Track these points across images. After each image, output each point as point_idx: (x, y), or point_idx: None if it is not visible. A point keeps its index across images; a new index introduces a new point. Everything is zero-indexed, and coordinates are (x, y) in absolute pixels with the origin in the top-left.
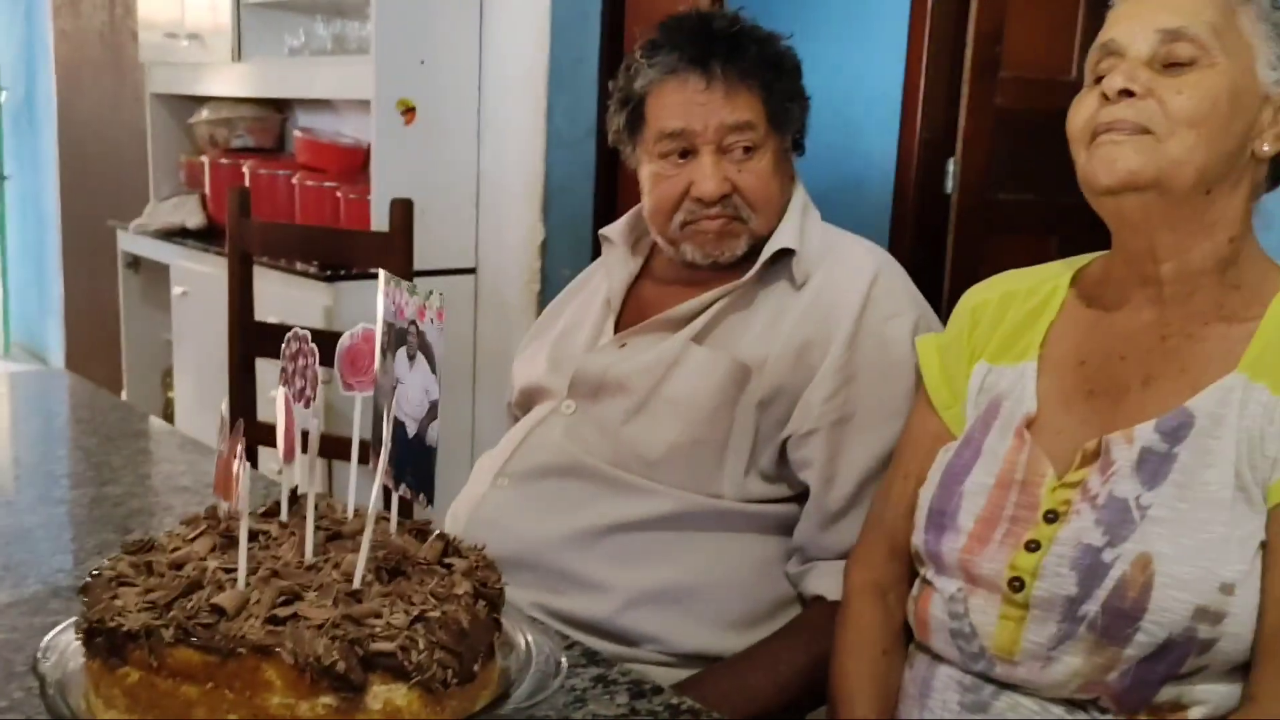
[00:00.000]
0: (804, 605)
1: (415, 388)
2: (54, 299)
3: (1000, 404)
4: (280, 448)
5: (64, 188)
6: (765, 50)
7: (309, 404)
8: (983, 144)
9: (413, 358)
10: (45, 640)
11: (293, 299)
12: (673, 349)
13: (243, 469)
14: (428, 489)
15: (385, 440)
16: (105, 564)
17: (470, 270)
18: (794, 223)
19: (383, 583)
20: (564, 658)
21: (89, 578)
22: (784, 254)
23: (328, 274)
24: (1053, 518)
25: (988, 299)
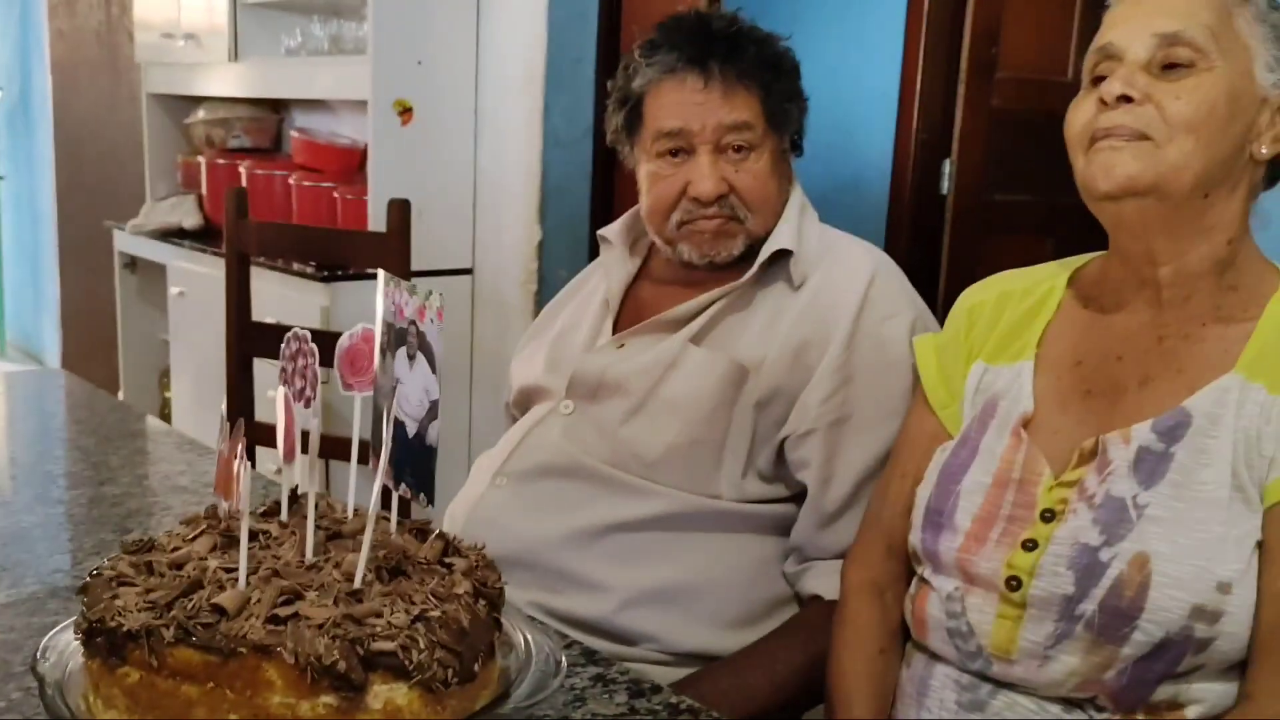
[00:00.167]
0: (801, 605)
1: (415, 388)
2: (50, 299)
3: (997, 403)
4: (280, 448)
5: (60, 188)
6: (764, 51)
7: (309, 404)
8: (979, 144)
9: (412, 358)
10: (44, 640)
11: (290, 299)
12: (671, 350)
13: (243, 469)
14: (428, 489)
15: (385, 440)
16: (105, 564)
17: (467, 271)
18: (792, 223)
19: (383, 582)
20: (563, 657)
21: (88, 577)
22: (782, 255)
23: (325, 274)
24: (1050, 517)
25: (984, 299)
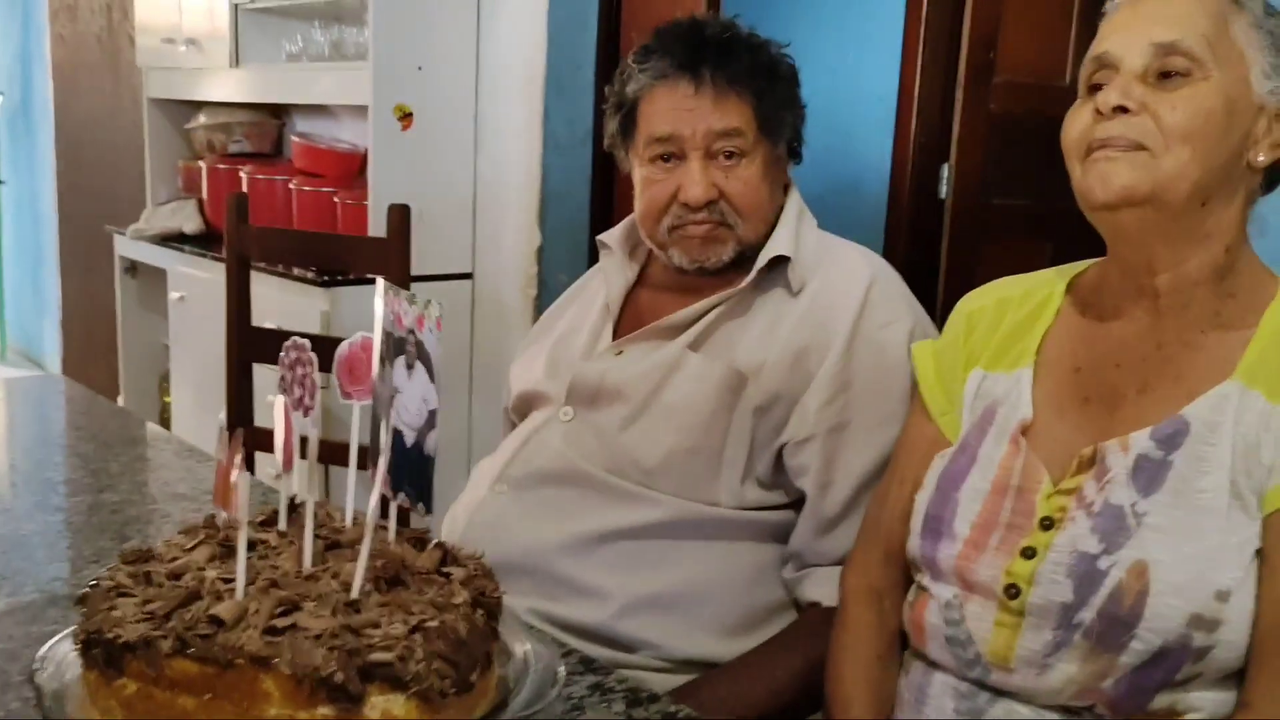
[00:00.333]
0: (800, 611)
1: (413, 397)
2: (51, 304)
3: (996, 410)
4: (279, 456)
5: (61, 192)
6: (758, 57)
7: (308, 412)
8: (977, 149)
9: (411, 367)
10: (42, 650)
11: (290, 304)
12: (669, 356)
13: (242, 479)
14: (426, 498)
15: (384, 449)
16: (104, 574)
17: (467, 275)
18: (789, 230)
19: (381, 592)
20: (561, 666)
21: (87, 587)
22: (780, 261)
23: (325, 279)
24: (1049, 524)
25: (983, 305)
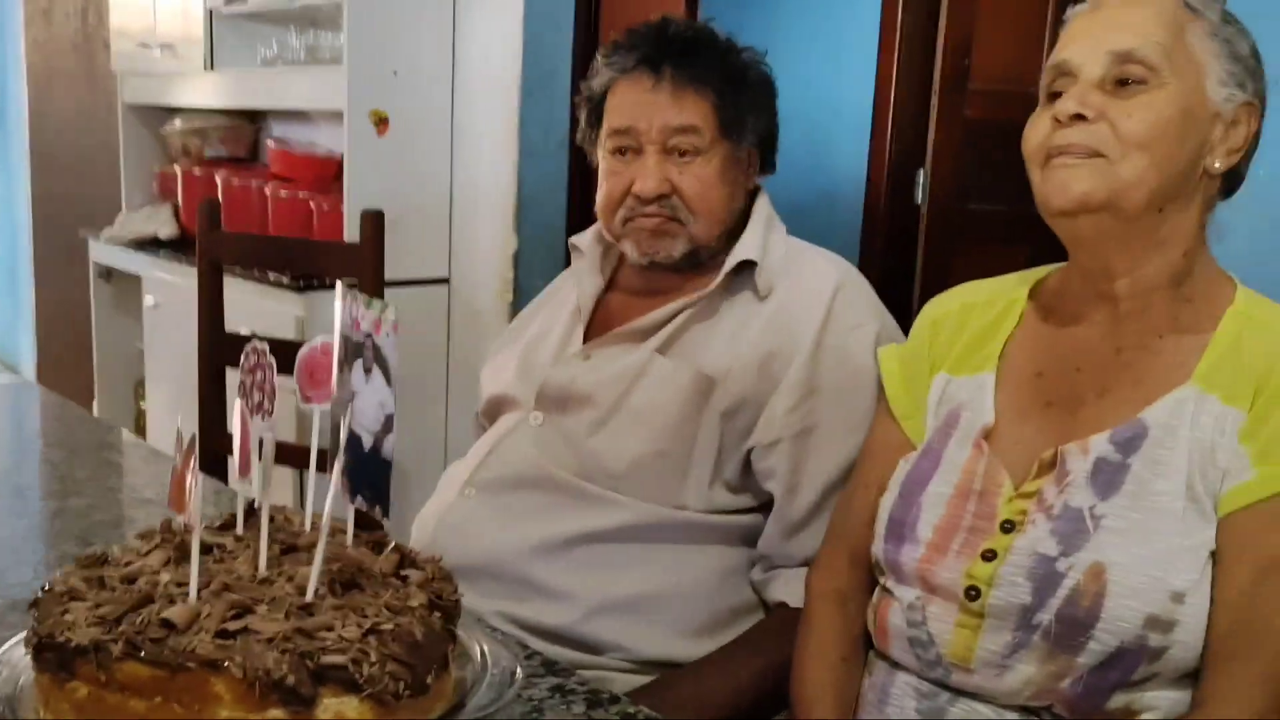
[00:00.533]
0: (767, 612)
1: (371, 401)
2: (26, 309)
3: (959, 415)
4: (236, 461)
5: (36, 198)
6: (726, 59)
7: (267, 416)
8: (952, 155)
9: (369, 370)
10: None
11: (265, 309)
12: (637, 361)
13: (196, 482)
14: (383, 502)
15: (340, 453)
16: (56, 578)
17: (444, 280)
18: (756, 235)
19: (336, 595)
20: (519, 668)
21: (40, 592)
22: (747, 266)
23: (300, 284)
24: (1009, 528)
25: (947, 310)
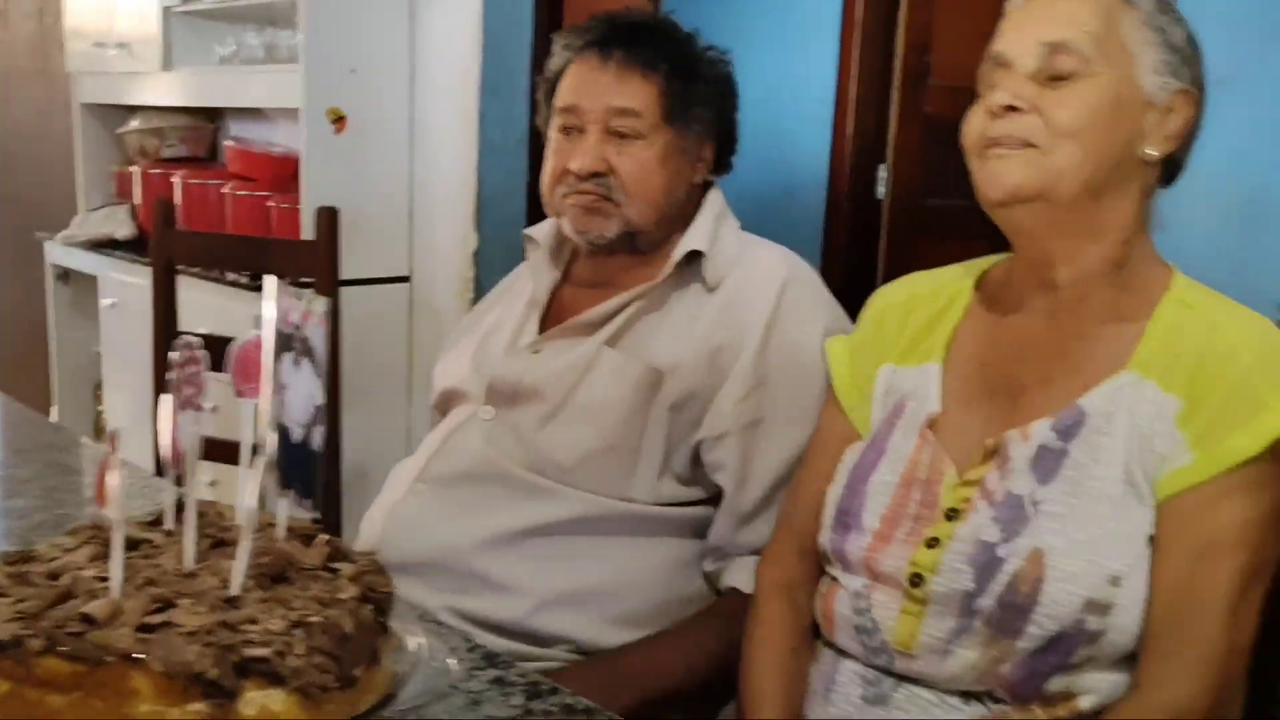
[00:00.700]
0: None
1: (300, 393)
2: None
3: (905, 404)
4: (165, 455)
5: None
6: (678, 48)
7: (197, 410)
8: (913, 150)
9: (298, 363)
10: None
11: (224, 309)
12: (586, 354)
13: (119, 477)
14: (313, 494)
15: (270, 446)
16: None
17: (404, 279)
18: (705, 227)
19: (264, 589)
20: (454, 660)
21: None
22: (698, 258)
23: (258, 284)
24: (953, 515)
25: (894, 301)
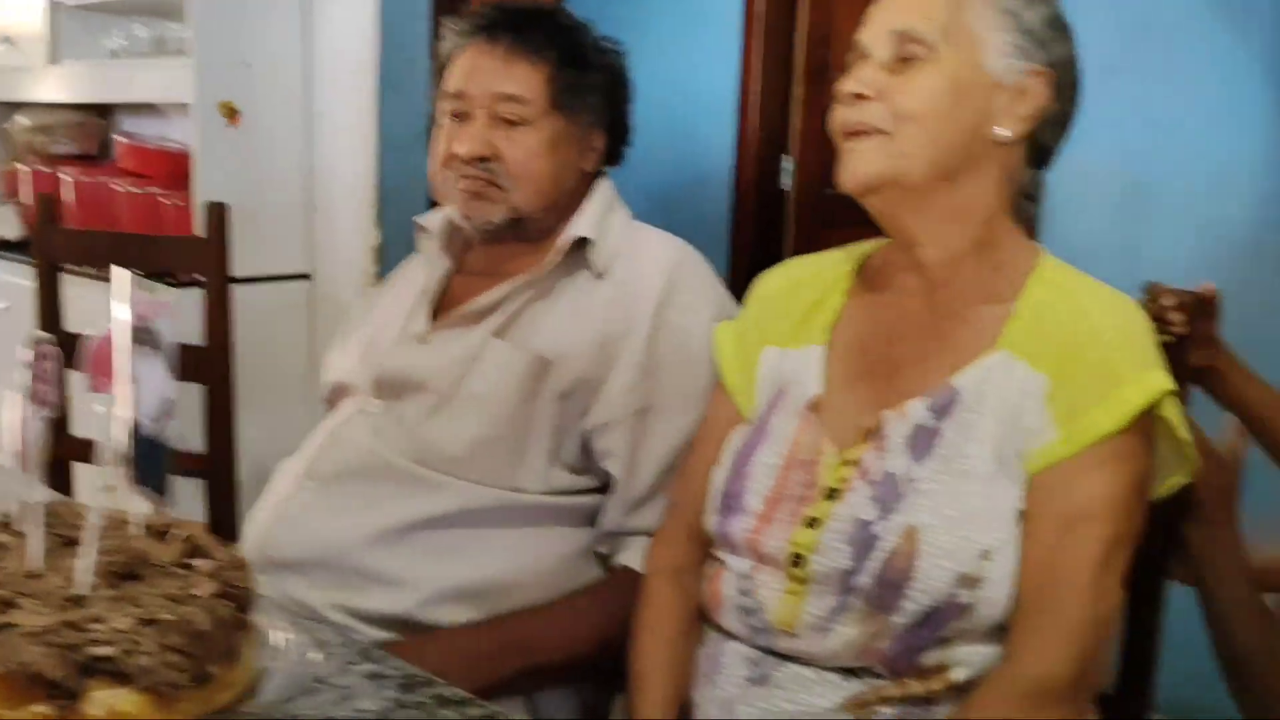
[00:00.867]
0: None
1: (151, 387)
2: None
3: (788, 387)
4: (16, 454)
5: None
6: (568, 36)
7: (49, 408)
8: (816, 142)
9: (147, 357)
10: None
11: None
12: (473, 345)
13: None
14: (164, 487)
15: (121, 440)
16: None
17: (305, 276)
18: (593, 215)
19: (113, 587)
20: (320, 654)
21: None
22: (586, 246)
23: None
24: (833, 495)
25: (777, 286)
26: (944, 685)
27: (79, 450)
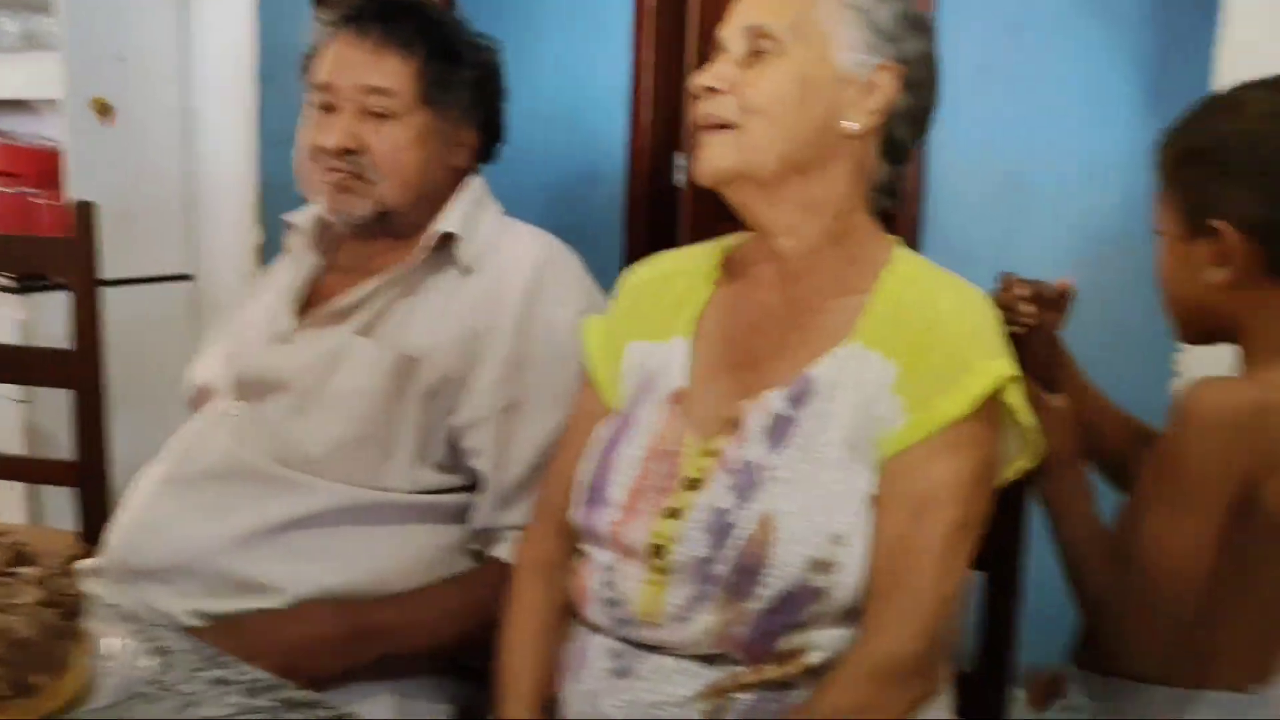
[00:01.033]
0: None
1: None
2: None
3: (654, 380)
4: None
5: None
6: (439, 30)
7: None
8: None
9: None
10: None
11: None
12: (337, 344)
13: None
14: None
15: None
16: None
17: (186, 277)
18: (461, 211)
19: None
20: (153, 660)
21: None
22: (453, 242)
23: (20, 286)
24: (694, 485)
25: (645, 279)
26: (800, 669)
27: None
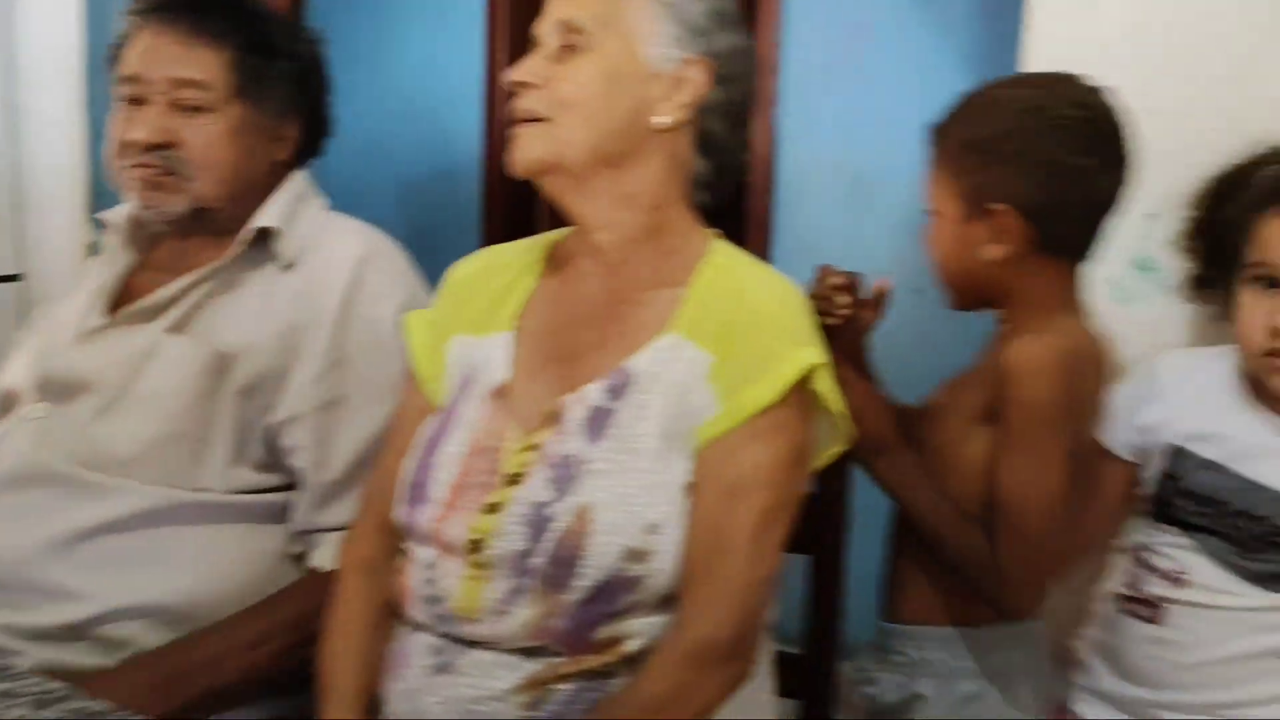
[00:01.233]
0: None
1: None
2: None
3: (477, 375)
4: None
5: None
6: (254, 21)
7: None
8: None
9: None
10: None
11: None
12: (145, 342)
13: None
14: None
15: None
16: None
17: (14, 278)
18: (280, 205)
19: None
20: None
21: None
22: (273, 236)
23: None
24: (514, 480)
25: (468, 273)
26: (618, 657)
27: None
